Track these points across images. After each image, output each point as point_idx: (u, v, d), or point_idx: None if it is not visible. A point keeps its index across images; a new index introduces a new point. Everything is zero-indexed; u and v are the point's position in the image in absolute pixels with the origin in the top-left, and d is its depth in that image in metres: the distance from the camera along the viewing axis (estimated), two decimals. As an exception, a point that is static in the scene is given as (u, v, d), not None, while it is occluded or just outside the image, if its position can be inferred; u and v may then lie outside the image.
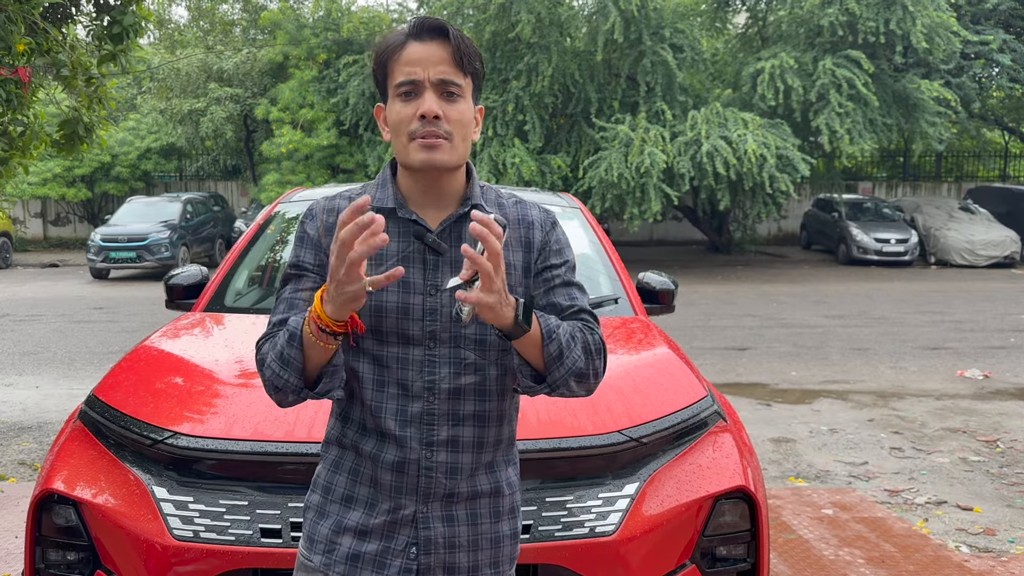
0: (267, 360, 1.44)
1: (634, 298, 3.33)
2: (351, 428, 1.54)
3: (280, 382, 1.43)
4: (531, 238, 1.58)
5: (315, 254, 1.54)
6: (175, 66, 20.45)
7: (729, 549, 2.18)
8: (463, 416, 1.50)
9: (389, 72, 1.50)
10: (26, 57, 4.36)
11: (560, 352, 1.43)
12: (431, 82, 1.46)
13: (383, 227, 1.25)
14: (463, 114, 1.49)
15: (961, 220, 19.02)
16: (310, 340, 1.37)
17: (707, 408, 2.35)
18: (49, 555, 2.15)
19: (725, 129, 14.78)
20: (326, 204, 1.58)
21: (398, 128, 1.49)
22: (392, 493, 1.50)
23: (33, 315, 11.42)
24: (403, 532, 1.49)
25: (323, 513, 1.54)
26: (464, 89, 1.50)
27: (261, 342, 1.49)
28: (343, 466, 1.55)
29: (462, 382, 1.50)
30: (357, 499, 1.52)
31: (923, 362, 8.47)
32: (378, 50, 1.53)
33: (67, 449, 2.28)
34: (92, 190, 21.87)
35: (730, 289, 14.48)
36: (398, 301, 1.48)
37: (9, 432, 5.83)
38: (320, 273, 1.52)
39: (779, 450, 5.57)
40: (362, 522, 1.50)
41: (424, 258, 1.51)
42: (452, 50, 1.47)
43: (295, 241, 1.57)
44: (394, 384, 1.49)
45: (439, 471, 1.49)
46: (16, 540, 3.86)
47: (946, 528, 4.27)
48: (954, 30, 16.09)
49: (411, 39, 1.49)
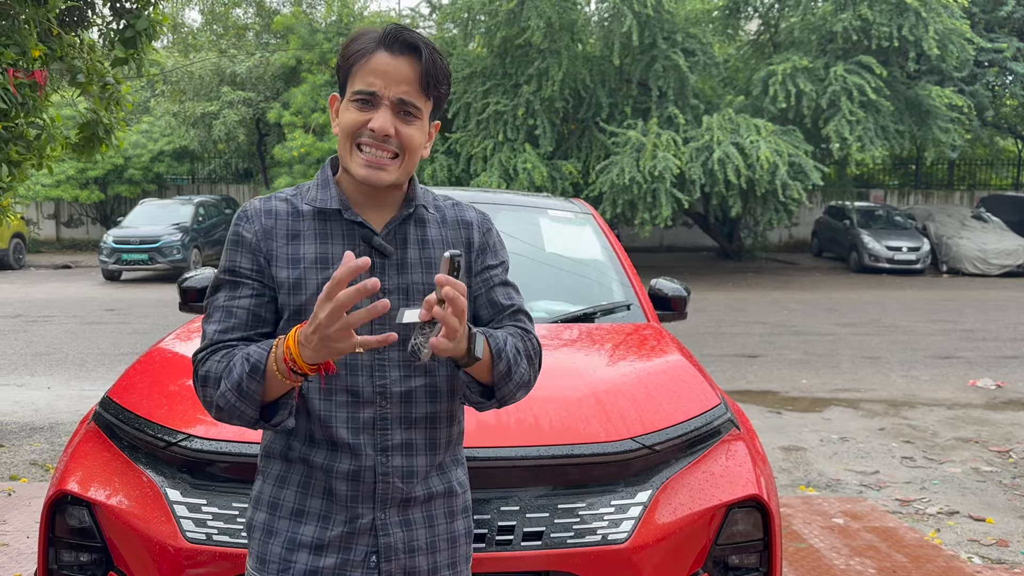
0: (221, 387, 1.39)
1: (646, 304, 3.33)
2: (297, 440, 1.49)
3: (235, 412, 1.40)
4: (471, 239, 1.61)
5: (252, 259, 1.49)
6: (188, 70, 20.58)
7: (742, 558, 2.18)
8: (415, 419, 1.50)
9: (352, 72, 1.48)
10: (40, 61, 4.40)
11: (508, 369, 1.47)
12: (390, 100, 1.45)
13: (379, 287, 1.23)
14: (414, 137, 1.48)
15: (974, 228, 18.93)
16: (276, 378, 1.35)
17: (720, 416, 2.34)
18: (62, 556, 2.16)
19: (737, 135, 14.76)
20: (262, 206, 1.53)
21: (346, 132, 1.47)
22: (348, 503, 1.47)
23: (45, 316, 11.48)
24: (361, 542, 1.47)
25: (272, 531, 1.50)
26: (423, 112, 1.49)
27: (203, 356, 1.45)
28: (290, 480, 1.50)
29: (412, 384, 1.49)
30: (309, 513, 1.48)
31: (935, 371, 8.43)
32: (346, 47, 1.49)
33: (81, 450, 2.29)
34: (105, 192, 21.99)
35: (740, 296, 14.44)
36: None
37: (21, 432, 5.86)
38: (258, 279, 1.49)
39: (789, 458, 5.55)
40: (317, 536, 1.47)
41: (372, 261, 1.47)
42: (421, 72, 1.45)
43: (229, 245, 1.52)
44: (343, 391, 1.46)
45: (395, 476, 1.48)
46: (28, 540, 3.87)
47: (958, 539, 4.24)
48: (967, 37, 16.03)
49: (382, 48, 1.45)
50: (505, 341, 1.48)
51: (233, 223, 1.54)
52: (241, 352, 1.40)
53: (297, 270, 1.48)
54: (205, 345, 1.46)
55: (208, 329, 1.47)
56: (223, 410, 1.41)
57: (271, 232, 1.50)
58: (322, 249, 1.49)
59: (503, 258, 1.64)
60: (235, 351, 1.42)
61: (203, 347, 1.46)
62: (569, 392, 2.27)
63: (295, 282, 1.47)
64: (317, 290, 1.43)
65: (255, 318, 1.48)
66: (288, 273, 1.48)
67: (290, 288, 1.47)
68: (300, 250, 1.49)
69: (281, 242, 1.49)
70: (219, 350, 1.44)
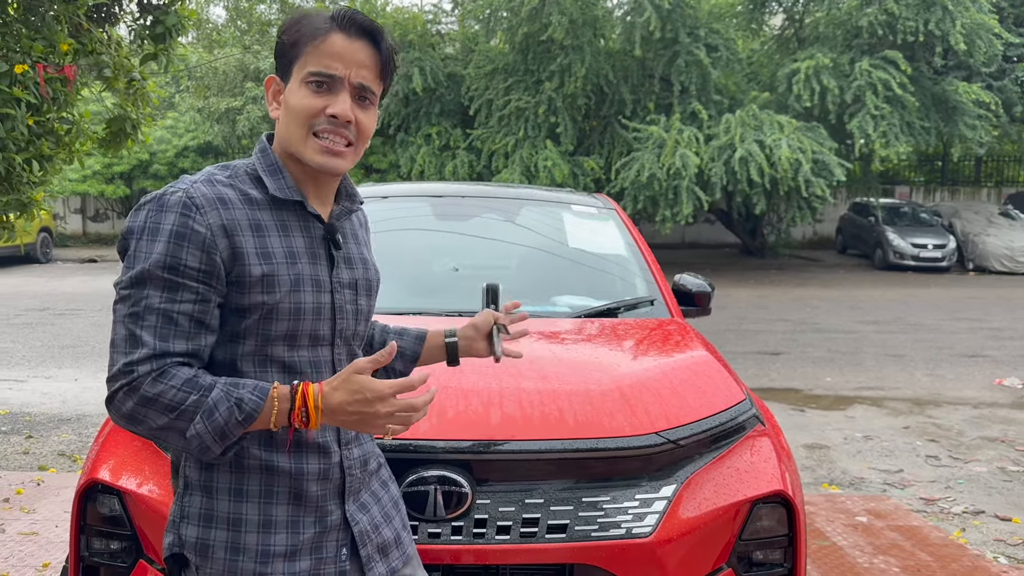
0: (196, 428, 1.28)
1: (670, 300, 3.32)
2: (253, 446, 1.40)
3: (202, 449, 1.31)
4: (367, 232, 1.66)
5: (203, 258, 1.32)
6: (213, 66, 20.72)
7: (766, 554, 2.17)
8: None
9: (302, 54, 1.39)
10: (70, 56, 4.45)
11: None
12: (351, 83, 1.40)
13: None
14: (371, 121, 1.45)
15: (1001, 226, 18.69)
16: (264, 424, 1.31)
17: (745, 411, 2.33)
18: (93, 544, 2.19)
19: (760, 133, 14.65)
20: (211, 193, 1.37)
21: (299, 117, 1.39)
22: (319, 503, 1.45)
23: (72, 309, 11.63)
24: (331, 538, 1.46)
25: (238, 548, 1.40)
26: (377, 96, 1.46)
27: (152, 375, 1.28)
28: (248, 492, 1.41)
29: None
30: (277, 522, 1.42)
31: (960, 370, 8.34)
32: (293, 24, 1.41)
33: (111, 440, 2.32)
34: (130, 187, 22.24)
35: (763, 293, 14.35)
36: (313, 302, 1.42)
37: (49, 424, 5.95)
38: (206, 282, 1.33)
39: (813, 456, 5.52)
40: (291, 543, 1.42)
41: (328, 254, 1.47)
42: (381, 59, 1.42)
43: (171, 236, 1.32)
44: None
45: (356, 467, 1.51)
46: (57, 529, 3.93)
47: (983, 538, 4.20)
48: (995, 32, 15.81)
49: (337, 29, 1.39)
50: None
51: (175, 211, 1.33)
52: (220, 390, 1.29)
53: (270, 265, 1.38)
54: (146, 358, 1.29)
55: (144, 336, 1.29)
56: (183, 439, 1.30)
57: (233, 226, 1.36)
58: (287, 243, 1.41)
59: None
60: (200, 379, 1.30)
61: (143, 359, 1.29)
62: (593, 386, 2.27)
63: (269, 279, 1.37)
64: (291, 287, 1.39)
65: (199, 326, 1.33)
66: (262, 269, 1.37)
67: (264, 287, 1.37)
68: (268, 243, 1.39)
69: (247, 235, 1.37)
70: (168, 368, 1.29)
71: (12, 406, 6.40)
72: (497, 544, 1.94)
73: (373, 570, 1.50)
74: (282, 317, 1.39)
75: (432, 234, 3.62)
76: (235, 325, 1.39)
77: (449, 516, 1.94)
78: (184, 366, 1.32)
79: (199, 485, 1.44)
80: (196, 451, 1.33)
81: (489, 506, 1.97)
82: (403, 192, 3.96)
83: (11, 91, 3.85)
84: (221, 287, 1.36)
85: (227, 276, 1.36)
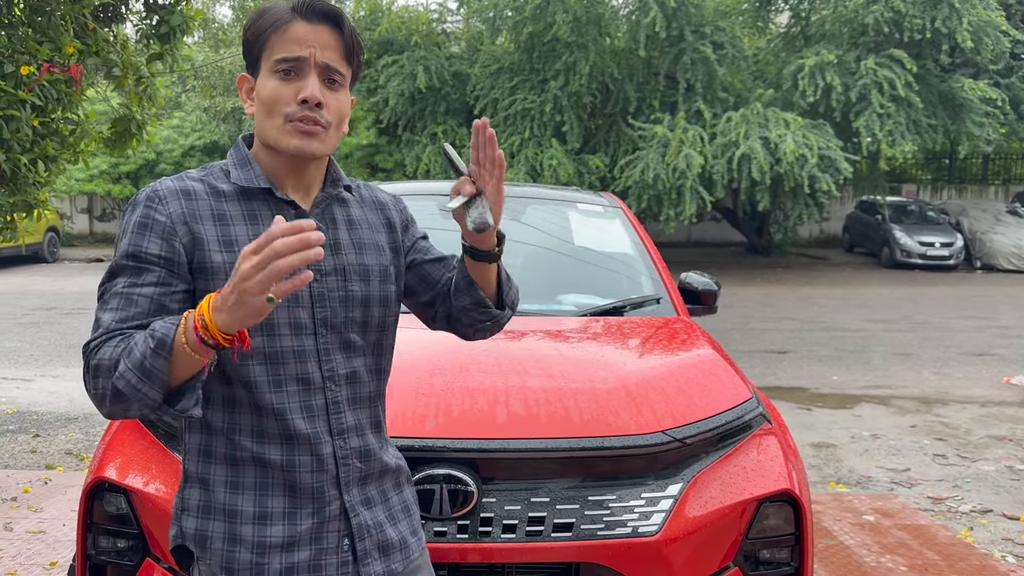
0: (119, 369, 1.25)
1: (676, 298, 3.31)
2: (245, 439, 1.41)
3: (135, 396, 1.25)
4: (390, 218, 1.62)
5: (164, 244, 1.36)
6: (219, 65, 20.76)
7: (773, 553, 2.16)
8: (361, 398, 1.50)
9: (267, 45, 1.41)
10: (76, 57, 4.46)
11: (507, 275, 1.60)
12: (317, 63, 1.40)
13: (322, 241, 1.17)
14: (342, 104, 1.45)
15: (1008, 224, 18.62)
16: (183, 351, 1.22)
17: (752, 410, 2.33)
18: (100, 542, 2.19)
19: (766, 130, 14.62)
20: (176, 185, 1.42)
21: (272, 107, 1.40)
22: (315, 494, 1.44)
23: (79, 308, 11.66)
24: (332, 528, 1.45)
25: (235, 539, 1.42)
26: (346, 79, 1.46)
27: (95, 344, 1.30)
28: (244, 484, 1.42)
29: (355, 365, 1.48)
30: (273, 514, 1.42)
31: (968, 368, 8.31)
32: (256, 19, 1.43)
33: (118, 439, 2.32)
34: (137, 187, 22.28)
35: (770, 292, 14.32)
36: None
37: (56, 423, 5.97)
38: (167, 267, 1.36)
39: (820, 455, 5.50)
40: (288, 534, 1.42)
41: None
42: (344, 41, 1.43)
43: (135, 227, 1.37)
44: (293, 380, 1.41)
45: (354, 457, 1.48)
46: (64, 528, 3.95)
47: (992, 537, 4.19)
48: (1003, 29, 15.75)
49: (298, 17, 1.40)
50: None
51: (141, 204, 1.39)
52: (143, 331, 1.27)
53: (232, 254, 1.38)
54: (99, 334, 1.32)
55: (103, 317, 1.33)
56: (120, 395, 1.26)
57: (194, 215, 1.39)
58: (253, 231, 1.41)
59: (423, 232, 1.70)
60: (133, 334, 1.29)
61: (95, 336, 1.32)
62: (599, 385, 2.27)
63: (231, 267, 1.32)
64: None
65: (159, 307, 1.34)
66: (223, 257, 1.38)
67: (226, 273, 1.36)
68: (231, 232, 1.41)
69: (208, 224, 1.40)
70: (114, 337, 1.30)
71: (20, 405, 6.43)
72: (503, 543, 1.94)
73: (368, 566, 1.48)
74: None
75: (438, 232, 3.62)
76: None
77: (455, 515, 1.94)
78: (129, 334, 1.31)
79: (197, 477, 1.45)
80: (137, 401, 1.26)
81: (495, 505, 1.97)
82: (409, 191, 3.96)
83: (16, 93, 3.85)
84: (184, 273, 1.38)
85: (189, 264, 1.38)
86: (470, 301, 1.55)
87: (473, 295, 1.55)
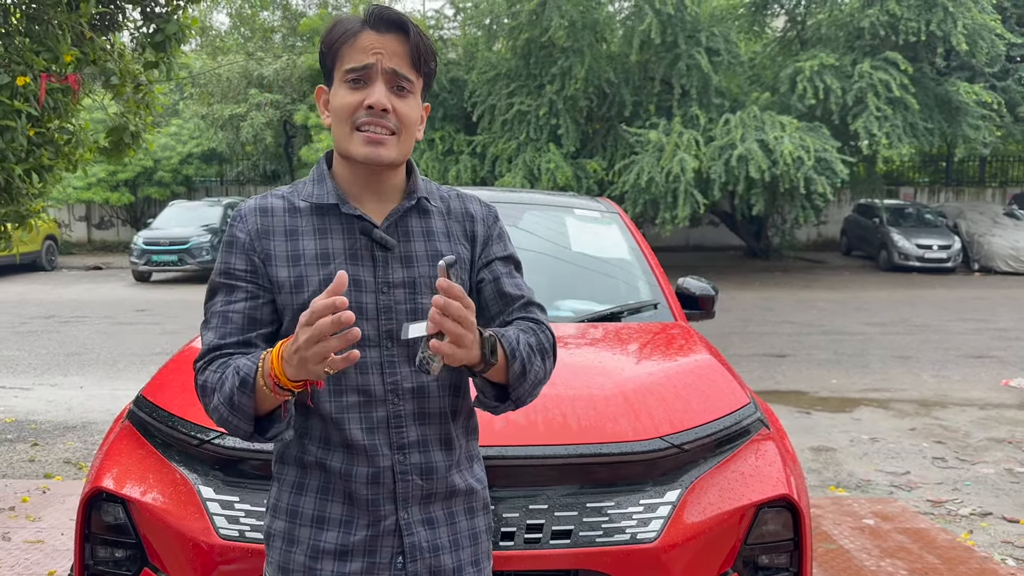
0: (215, 400, 1.37)
1: (674, 304, 3.31)
2: (313, 444, 1.46)
3: (229, 427, 1.38)
4: (474, 231, 1.57)
5: (246, 259, 1.46)
6: (216, 72, 20.80)
7: (771, 558, 2.16)
8: (429, 414, 1.47)
9: (339, 56, 1.45)
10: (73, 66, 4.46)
11: (523, 369, 1.42)
12: (384, 70, 1.42)
13: (353, 321, 1.20)
14: (411, 111, 1.46)
15: (1006, 226, 18.64)
16: (263, 392, 1.31)
17: (750, 415, 2.33)
18: (98, 552, 2.19)
19: (762, 132, 14.64)
20: (256, 204, 1.50)
21: (342, 115, 1.44)
22: (370, 506, 1.44)
23: (77, 317, 11.65)
24: (386, 543, 1.44)
25: (293, 540, 1.46)
26: (415, 86, 1.46)
27: (201, 365, 1.43)
28: (308, 487, 1.47)
29: (422, 380, 1.46)
30: (330, 519, 1.45)
31: (966, 371, 8.31)
32: (329, 32, 1.47)
33: (116, 448, 2.32)
34: (135, 194, 22.30)
35: (768, 295, 14.33)
36: (351, 301, 1.38)
37: (55, 431, 5.96)
38: (253, 280, 1.45)
39: (819, 459, 5.50)
40: (341, 542, 1.43)
41: (372, 254, 1.46)
42: (410, 48, 1.44)
43: (224, 247, 1.48)
44: (353, 391, 1.43)
45: (414, 473, 1.45)
46: (62, 537, 3.94)
47: (991, 540, 4.18)
48: (998, 32, 15.79)
49: (367, 28, 1.43)
50: (518, 340, 1.42)
51: (229, 224, 1.50)
52: (233, 364, 1.37)
53: (298, 267, 1.44)
54: (203, 353, 1.43)
55: (206, 337, 1.44)
56: (222, 424, 1.39)
57: (267, 230, 1.46)
58: (322, 245, 1.45)
59: (511, 251, 1.60)
60: (230, 361, 1.38)
61: (201, 355, 1.43)
62: (597, 391, 2.27)
63: (296, 280, 1.44)
64: (319, 287, 1.40)
65: (251, 321, 1.44)
66: (288, 272, 1.44)
67: (292, 287, 1.43)
68: (299, 246, 1.45)
69: (278, 240, 1.46)
70: (216, 359, 1.41)
71: (18, 414, 6.41)
72: (501, 550, 1.94)
73: None
74: None
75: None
76: (285, 324, 1.46)
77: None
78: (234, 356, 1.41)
79: (275, 476, 1.53)
80: (231, 430, 1.39)
81: (493, 512, 1.97)
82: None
83: (11, 103, 3.85)
84: (267, 284, 1.46)
85: (267, 275, 1.46)
86: (479, 381, 1.45)
87: (477, 381, 1.45)
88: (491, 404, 1.47)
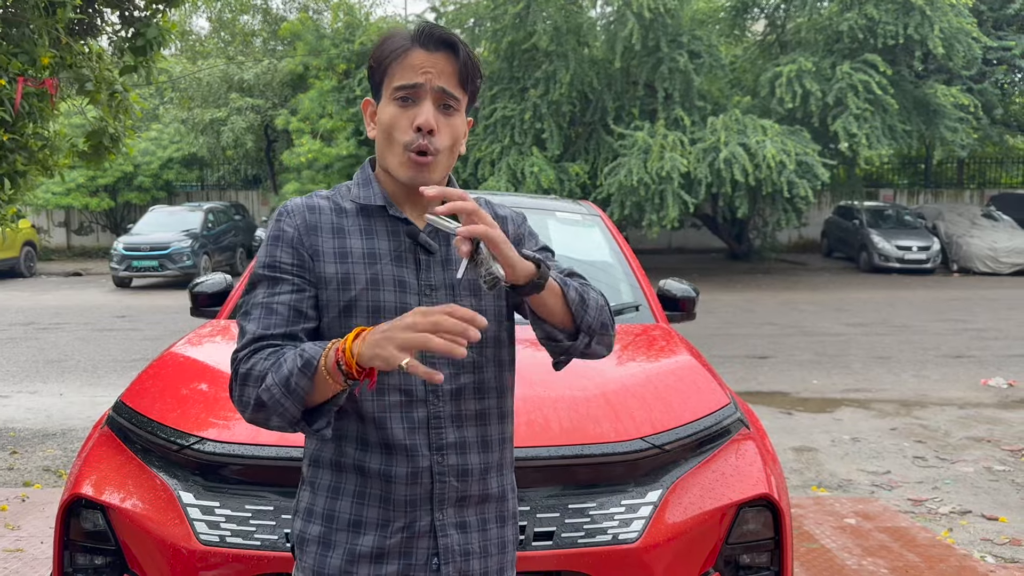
0: (266, 382, 1.35)
1: (655, 305, 3.33)
2: (349, 446, 1.47)
3: (277, 408, 1.35)
4: (505, 231, 1.58)
5: (294, 254, 1.47)
6: (196, 77, 20.69)
7: (753, 557, 2.18)
8: (466, 416, 1.49)
9: (388, 72, 1.47)
10: (50, 71, 4.42)
11: (581, 297, 1.47)
12: (432, 89, 1.44)
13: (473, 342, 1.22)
14: (456, 129, 1.48)
15: (984, 227, 18.84)
16: (322, 374, 1.32)
17: (730, 415, 2.34)
18: (77, 559, 2.17)
19: (744, 136, 14.75)
20: (304, 202, 1.52)
21: (390, 134, 1.46)
22: (407, 508, 1.45)
23: (57, 323, 11.55)
24: (422, 545, 1.46)
25: (329, 544, 1.47)
26: (461, 104, 1.49)
27: (245, 353, 1.40)
28: (344, 491, 1.48)
29: (462, 382, 1.48)
30: (367, 523, 1.46)
31: (946, 370, 8.39)
32: (379, 48, 1.49)
33: (95, 454, 2.30)
34: (115, 200, 22.13)
35: (750, 297, 14.41)
36: (395, 302, 1.45)
37: (34, 439, 5.90)
38: (300, 274, 1.46)
39: (801, 459, 5.53)
40: (377, 545, 1.44)
41: (416, 257, 1.49)
42: (459, 66, 1.46)
43: (270, 240, 1.49)
44: (395, 391, 1.45)
45: (451, 475, 1.47)
46: (42, 545, 3.90)
47: (971, 538, 4.22)
48: (974, 36, 15.98)
49: (417, 46, 1.45)
50: (562, 279, 1.47)
51: (274, 220, 1.51)
52: (294, 349, 1.37)
53: (345, 265, 1.46)
54: (247, 342, 1.42)
55: (248, 327, 1.43)
56: (263, 406, 1.36)
57: (315, 227, 1.49)
58: (368, 244, 1.48)
59: (542, 244, 1.64)
60: (284, 349, 1.39)
61: (244, 344, 1.42)
62: (579, 392, 2.28)
63: (344, 277, 1.46)
64: (366, 285, 1.44)
65: (296, 314, 1.45)
66: (336, 268, 1.46)
67: (339, 284, 1.46)
68: (347, 244, 1.48)
69: (326, 236, 1.48)
70: (263, 348, 1.41)
71: (-4, 422, 6.35)
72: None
73: None
74: (360, 314, 1.43)
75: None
76: (326, 320, 1.47)
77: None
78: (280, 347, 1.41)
79: (308, 481, 1.52)
80: (278, 415, 1.36)
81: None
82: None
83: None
84: (313, 279, 1.47)
85: (314, 271, 1.47)
86: (542, 335, 1.50)
87: (542, 328, 1.49)
88: (566, 343, 1.49)
